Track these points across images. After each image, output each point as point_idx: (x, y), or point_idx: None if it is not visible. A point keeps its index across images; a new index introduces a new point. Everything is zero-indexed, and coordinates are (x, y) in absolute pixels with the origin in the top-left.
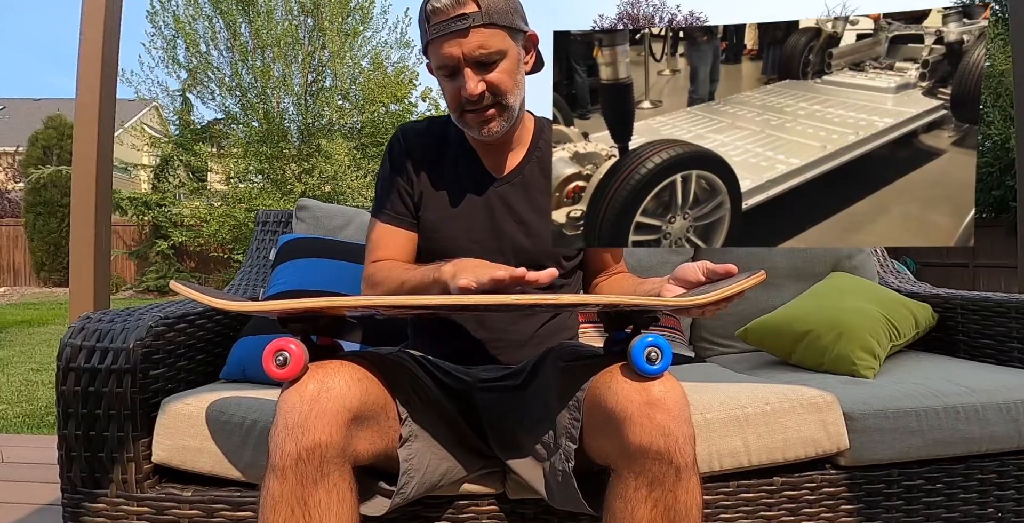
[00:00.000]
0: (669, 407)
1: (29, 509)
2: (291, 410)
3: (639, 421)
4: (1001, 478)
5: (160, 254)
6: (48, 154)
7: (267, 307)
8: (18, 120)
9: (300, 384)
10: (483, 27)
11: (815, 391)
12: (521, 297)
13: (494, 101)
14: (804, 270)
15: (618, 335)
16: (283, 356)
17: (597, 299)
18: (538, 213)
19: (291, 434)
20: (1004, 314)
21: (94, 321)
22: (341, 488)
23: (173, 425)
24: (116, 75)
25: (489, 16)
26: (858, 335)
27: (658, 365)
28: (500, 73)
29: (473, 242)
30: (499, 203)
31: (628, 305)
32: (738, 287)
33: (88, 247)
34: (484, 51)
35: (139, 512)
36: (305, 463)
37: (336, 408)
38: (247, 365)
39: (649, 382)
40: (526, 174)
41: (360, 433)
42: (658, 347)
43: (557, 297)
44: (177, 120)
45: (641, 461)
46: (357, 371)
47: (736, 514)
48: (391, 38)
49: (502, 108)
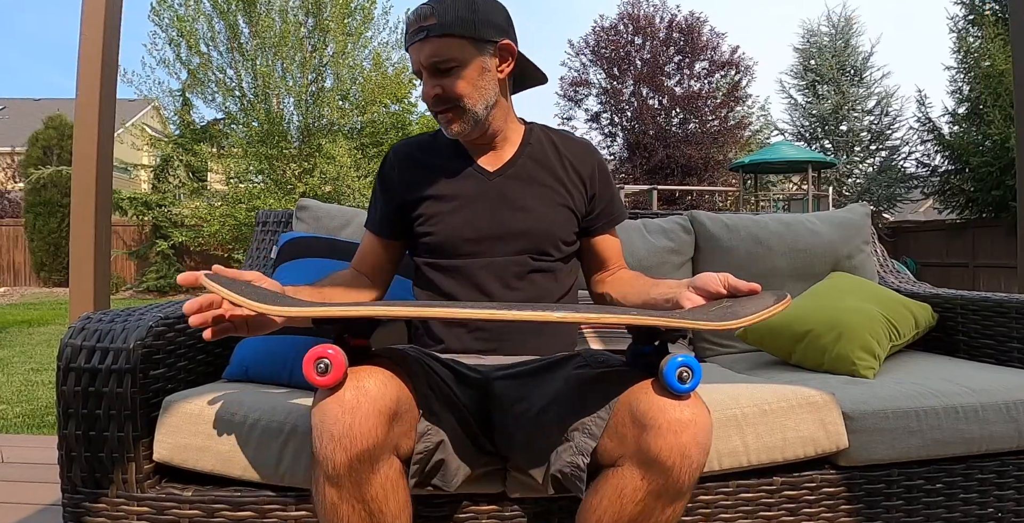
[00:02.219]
0: (695, 432)
1: (29, 509)
2: (335, 421)
3: (664, 434)
4: (1001, 478)
5: (160, 254)
6: (48, 154)
7: (304, 313)
8: (18, 120)
9: (338, 395)
10: (438, 37)
11: (814, 391)
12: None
13: (451, 105)
14: (804, 270)
15: (645, 349)
16: (324, 363)
17: (631, 319)
18: (536, 200)
19: (340, 445)
20: (1004, 314)
21: (94, 321)
22: (392, 478)
23: (175, 423)
24: (116, 75)
25: (445, 28)
26: (858, 335)
27: (689, 384)
28: (455, 79)
29: (475, 231)
30: (496, 193)
31: (662, 325)
32: (768, 313)
33: (88, 247)
34: (437, 59)
35: (139, 512)
36: (358, 468)
37: (377, 410)
38: (250, 365)
39: (684, 401)
40: (519, 165)
41: (398, 427)
42: (689, 367)
43: (590, 315)
44: (177, 120)
45: (652, 470)
46: (387, 371)
47: (736, 514)
48: (391, 38)
49: (460, 111)
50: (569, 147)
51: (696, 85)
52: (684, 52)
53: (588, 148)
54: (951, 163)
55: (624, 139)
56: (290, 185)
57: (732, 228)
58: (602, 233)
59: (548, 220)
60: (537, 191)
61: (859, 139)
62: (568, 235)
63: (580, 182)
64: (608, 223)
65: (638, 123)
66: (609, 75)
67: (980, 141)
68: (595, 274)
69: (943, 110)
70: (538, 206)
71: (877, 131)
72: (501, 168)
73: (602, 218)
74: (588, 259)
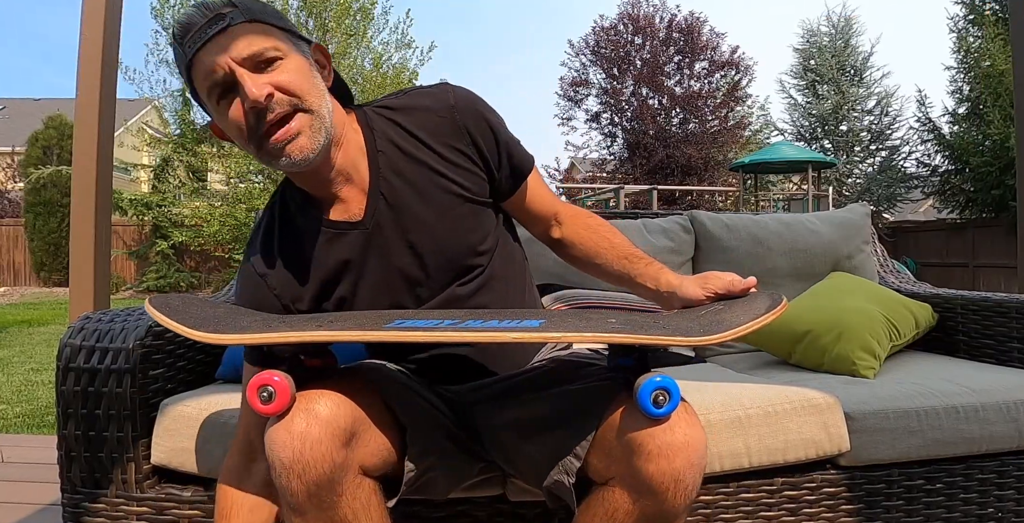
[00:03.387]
0: (689, 454)
1: (29, 509)
2: (283, 449)
3: (656, 460)
4: (1001, 478)
5: (160, 254)
6: (48, 154)
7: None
8: (18, 120)
9: (286, 421)
10: (246, 23)
11: (817, 392)
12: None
13: (293, 106)
14: (804, 270)
15: (623, 361)
16: (268, 391)
17: (607, 337)
18: (422, 219)
19: (292, 472)
20: (1004, 314)
21: (94, 321)
22: (361, 498)
23: (172, 427)
24: (116, 75)
25: (250, 13)
26: (858, 335)
27: (665, 407)
28: (286, 73)
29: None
30: (377, 240)
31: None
32: (760, 323)
33: (88, 247)
34: (254, 49)
35: (139, 512)
36: (317, 493)
37: (329, 433)
38: (241, 364)
39: (674, 423)
40: (384, 190)
41: (361, 447)
42: (666, 390)
43: (550, 335)
44: (177, 120)
45: (645, 495)
46: (341, 390)
47: (736, 514)
48: (392, 39)
49: (307, 112)
50: (420, 123)
51: (696, 85)
52: (684, 52)
53: (444, 105)
54: (951, 163)
55: (624, 139)
56: None
57: (732, 228)
58: (515, 191)
59: (450, 234)
60: (421, 207)
61: (859, 139)
62: (479, 233)
63: (461, 159)
64: (518, 178)
65: (638, 123)
66: (609, 75)
67: (980, 141)
68: (537, 228)
69: (943, 110)
70: (431, 225)
71: (877, 131)
72: (367, 205)
73: (508, 179)
74: (521, 216)
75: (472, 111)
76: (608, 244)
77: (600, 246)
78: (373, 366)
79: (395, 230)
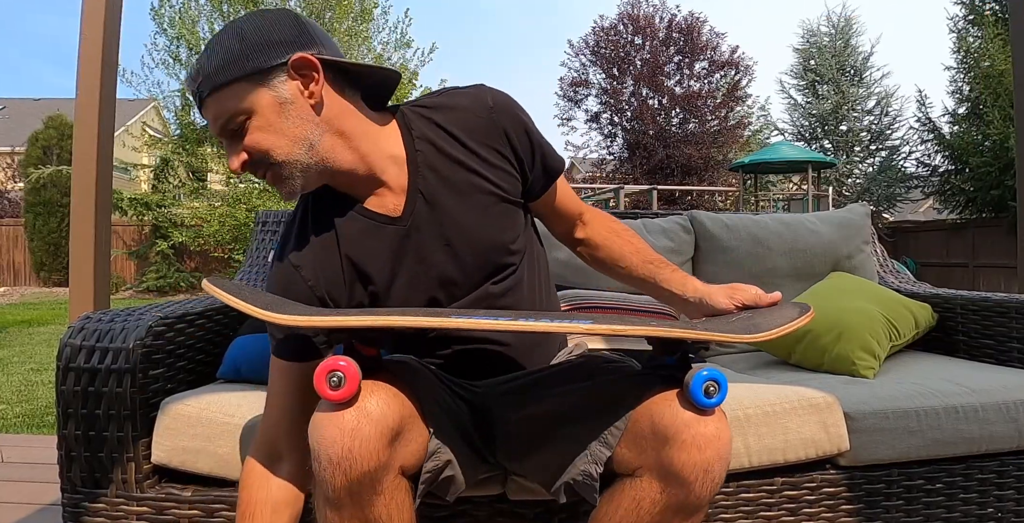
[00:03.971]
0: (719, 447)
1: (29, 509)
2: (332, 444)
3: (688, 449)
4: (1001, 478)
5: (160, 254)
6: (48, 154)
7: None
8: (18, 120)
9: (336, 415)
10: (212, 93)
11: (816, 392)
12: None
13: (264, 163)
14: (804, 270)
15: (668, 360)
16: (337, 377)
17: (656, 330)
18: (459, 218)
19: (339, 468)
20: (1004, 314)
21: (94, 321)
22: (398, 498)
23: (173, 426)
24: (116, 75)
25: (212, 80)
26: (858, 335)
27: (715, 398)
28: (252, 134)
29: (421, 297)
30: (415, 238)
31: (691, 338)
32: (794, 326)
33: (88, 247)
34: (222, 120)
35: (139, 512)
36: (358, 490)
37: (378, 432)
38: (241, 364)
39: (707, 416)
40: (423, 188)
41: (403, 447)
42: (716, 381)
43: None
44: (177, 120)
45: (674, 484)
46: (392, 388)
47: (736, 514)
48: (391, 38)
49: (277, 168)
50: (459, 122)
51: (696, 85)
52: (684, 52)
53: (483, 107)
54: (951, 163)
55: (624, 139)
56: None
57: (732, 228)
58: (545, 191)
59: (486, 231)
60: (458, 206)
61: (859, 139)
62: (512, 232)
63: (497, 159)
64: (547, 181)
65: (638, 123)
66: (609, 75)
67: (980, 141)
68: (562, 227)
69: (943, 110)
70: (468, 222)
71: (877, 131)
72: (405, 202)
73: (540, 179)
74: (548, 216)
75: (510, 113)
76: (632, 248)
77: (624, 250)
78: (404, 361)
79: (432, 227)
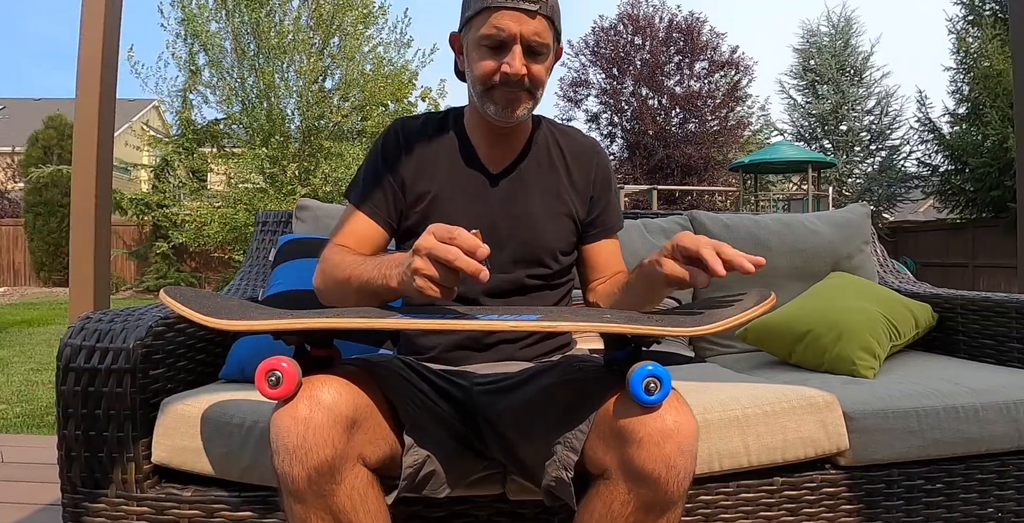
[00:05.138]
0: (679, 440)
1: (29, 509)
2: (287, 434)
3: (647, 447)
4: (1001, 478)
5: (160, 254)
6: (48, 154)
7: (255, 326)
8: (18, 120)
9: (290, 406)
10: (546, 18)
11: (815, 391)
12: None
13: (528, 89)
14: (804, 270)
15: (617, 354)
16: (275, 376)
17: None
18: (537, 207)
19: (295, 457)
20: (1004, 314)
21: (94, 321)
22: (359, 488)
23: (173, 426)
24: (116, 75)
25: (552, 11)
26: (858, 335)
27: (656, 395)
28: (542, 67)
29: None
30: (497, 199)
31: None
32: (748, 316)
33: (88, 247)
34: (539, 40)
35: (139, 512)
36: (317, 480)
37: (331, 419)
38: (245, 365)
39: (663, 410)
40: (523, 169)
41: (360, 435)
42: (657, 377)
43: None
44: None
45: (639, 483)
46: (342, 380)
47: (736, 514)
48: (391, 38)
49: (531, 97)
50: (573, 148)
51: (696, 85)
52: (684, 52)
53: (593, 149)
54: (951, 163)
55: (624, 139)
56: (291, 185)
57: (732, 228)
58: (596, 241)
59: (548, 230)
60: (538, 198)
61: (859, 139)
62: (567, 246)
63: (582, 187)
64: (602, 231)
65: (638, 123)
66: (609, 75)
67: (980, 141)
68: (589, 283)
69: (943, 110)
70: (539, 215)
71: (877, 131)
72: (505, 170)
73: (596, 225)
74: (582, 267)
75: (607, 166)
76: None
77: (610, 292)
78: (379, 359)
79: (508, 196)
